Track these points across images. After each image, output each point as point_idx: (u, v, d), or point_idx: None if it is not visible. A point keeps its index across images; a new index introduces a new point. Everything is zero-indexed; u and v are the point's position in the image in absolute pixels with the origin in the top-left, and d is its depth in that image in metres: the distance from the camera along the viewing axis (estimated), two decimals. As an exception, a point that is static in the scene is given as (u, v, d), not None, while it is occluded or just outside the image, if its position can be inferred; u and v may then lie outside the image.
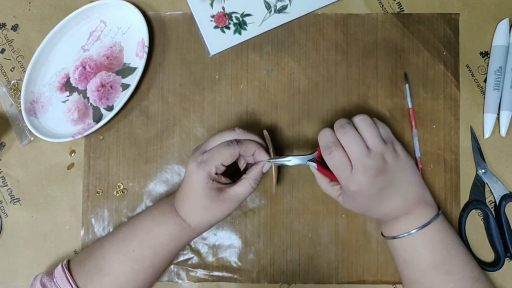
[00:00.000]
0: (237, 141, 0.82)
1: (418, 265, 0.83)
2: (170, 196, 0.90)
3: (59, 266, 0.85)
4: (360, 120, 0.81)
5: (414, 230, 0.82)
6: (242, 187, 0.82)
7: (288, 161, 0.85)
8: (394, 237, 0.84)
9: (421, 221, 0.82)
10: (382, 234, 0.90)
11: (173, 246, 0.85)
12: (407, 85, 0.94)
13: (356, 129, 0.80)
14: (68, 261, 0.87)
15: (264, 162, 0.83)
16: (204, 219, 0.83)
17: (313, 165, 0.85)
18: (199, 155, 0.82)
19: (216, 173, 0.81)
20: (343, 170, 0.79)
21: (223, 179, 0.84)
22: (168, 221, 0.84)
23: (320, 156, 0.83)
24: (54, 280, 0.84)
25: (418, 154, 0.93)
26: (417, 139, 0.94)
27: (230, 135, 0.83)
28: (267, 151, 0.84)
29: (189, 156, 0.88)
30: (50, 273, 0.86)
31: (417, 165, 0.94)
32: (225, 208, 0.82)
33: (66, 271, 0.84)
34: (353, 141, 0.79)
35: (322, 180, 0.88)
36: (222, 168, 0.82)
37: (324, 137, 0.81)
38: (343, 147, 0.79)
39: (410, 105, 0.94)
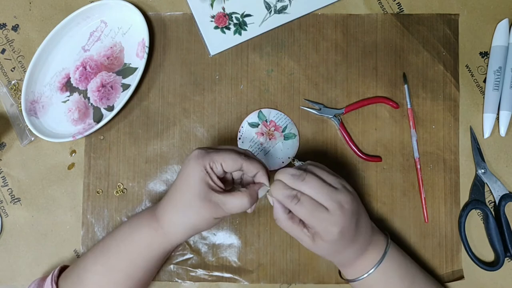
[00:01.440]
0: (246, 155, 0.80)
1: None
2: (153, 205, 0.90)
3: (49, 278, 0.85)
4: (309, 165, 0.81)
5: (372, 269, 0.82)
6: (236, 199, 0.78)
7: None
8: (354, 280, 0.85)
9: (377, 255, 0.83)
10: (341, 276, 0.91)
11: (147, 256, 0.83)
12: (406, 86, 0.95)
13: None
14: (60, 271, 0.87)
15: (264, 187, 0.80)
16: (180, 220, 0.79)
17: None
18: (204, 150, 0.79)
19: (212, 169, 0.78)
20: (319, 213, 0.76)
21: (217, 181, 0.79)
22: (142, 227, 0.83)
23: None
24: None
25: (416, 155, 0.94)
26: (415, 139, 0.94)
27: (240, 150, 0.81)
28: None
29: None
30: (41, 284, 0.86)
31: (415, 165, 0.94)
32: (207, 211, 0.77)
33: (54, 285, 0.84)
34: (317, 184, 0.77)
35: (281, 212, 0.80)
36: (219, 171, 0.78)
37: (281, 190, 0.78)
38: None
39: (409, 105, 0.94)
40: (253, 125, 0.95)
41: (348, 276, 0.86)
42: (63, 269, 0.88)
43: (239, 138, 0.95)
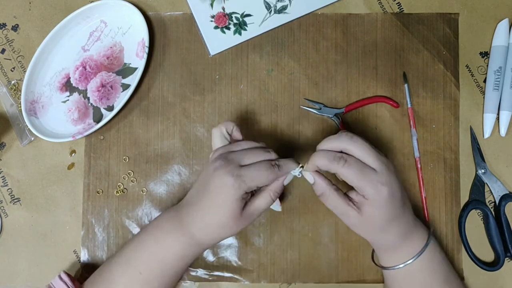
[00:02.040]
0: (278, 165, 0.77)
1: None
2: (172, 209, 0.86)
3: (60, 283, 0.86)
4: (355, 142, 0.77)
5: (411, 259, 0.80)
6: (263, 200, 0.78)
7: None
8: (390, 268, 0.83)
9: (418, 246, 0.81)
10: (373, 261, 0.90)
11: (180, 266, 0.83)
12: (406, 85, 0.94)
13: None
14: (67, 274, 0.87)
15: (287, 174, 0.78)
16: (218, 236, 0.80)
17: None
18: (236, 168, 0.75)
19: (247, 192, 0.76)
20: (369, 172, 0.74)
21: (249, 196, 0.78)
22: (172, 242, 0.81)
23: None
24: None
25: (417, 154, 0.93)
26: (415, 138, 0.94)
27: (265, 154, 0.78)
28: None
29: (209, 159, 0.83)
30: None
31: (415, 164, 0.94)
32: (243, 224, 0.78)
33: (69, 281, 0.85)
34: (364, 144, 0.76)
35: (330, 190, 0.78)
36: (255, 188, 0.77)
37: (324, 155, 0.76)
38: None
39: (409, 105, 0.94)
40: None
41: (383, 262, 0.84)
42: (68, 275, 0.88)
43: None
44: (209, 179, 0.77)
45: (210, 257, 0.94)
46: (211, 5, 0.97)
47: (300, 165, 0.78)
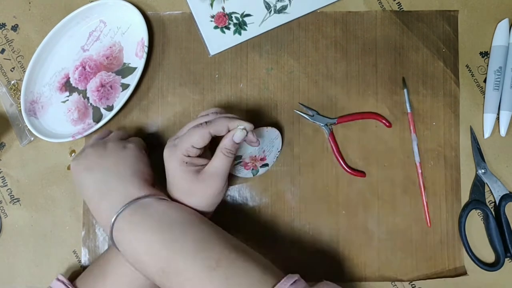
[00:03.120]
0: (206, 122, 0.79)
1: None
2: None
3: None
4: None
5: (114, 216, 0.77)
6: (217, 160, 0.80)
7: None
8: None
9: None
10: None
11: None
12: (405, 90, 0.94)
13: None
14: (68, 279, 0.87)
15: (235, 129, 0.79)
16: (190, 205, 0.81)
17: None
18: (171, 141, 0.82)
19: (189, 156, 0.79)
20: None
21: (199, 161, 0.81)
22: None
23: None
24: None
25: (417, 159, 0.93)
26: (416, 143, 0.93)
27: (201, 118, 0.82)
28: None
29: None
30: None
31: (416, 170, 0.94)
32: (208, 187, 0.80)
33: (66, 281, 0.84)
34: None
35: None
36: (195, 151, 0.79)
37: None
38: None
39: (409, 110, 0.94)
40: None
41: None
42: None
43: None
44: (101, 162, 0.81)
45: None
46: (211, 5, 0.96)
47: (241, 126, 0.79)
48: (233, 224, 0.94)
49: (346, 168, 0.93)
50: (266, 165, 0.93)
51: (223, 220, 0.93)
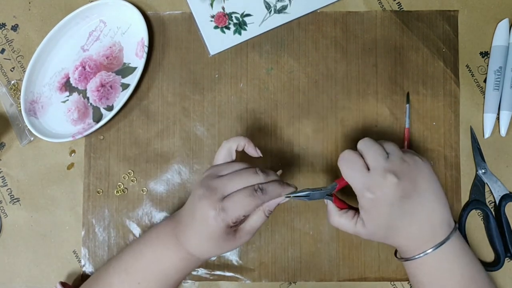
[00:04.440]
0: (262, 189, 0.75)
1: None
2: (170, 223, 0.84)
3: None
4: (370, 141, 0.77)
5: (431, 249, 0.76)
6: (257, 218, 0.77)
7: (307, 196, 0.79)
8: (408, 259, 0.79)
9: (440, 238, 0.76)
10: (396, 256, 0.85)
11: (180, 277, 0.83)
12: (407, 105, 0.94)
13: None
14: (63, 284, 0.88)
15: (283, 197, 0.77)
16: (216, 253, 0.81)
17: (329, 199, 0.81)
18: (217, 202, 0.74)
19: (236, 223, 0.75)
20: (358, 169, 0.74)
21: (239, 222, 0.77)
22: (172, 256, 0.80)
23: (339, 190, 0.80)
24: None
25: None
26: None
27: (251, 178, 0.76)
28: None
29: (199, 179, 0.82)
30: None
31: None
32: (239, 242, 0.78)
33: None
34: (372, 146, 0.75)
35: (334, 212, 0.80)
36: (243, 218, 0.76)
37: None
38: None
39: (407, 125, 0.94)
40: None
41: (402, 254, 0.80)
42: (63, 284, 0.88)
43: None
44: (195, 207, 0.76)
45: (210, 256, 0.94)
46: (211, 4, 0.97)
47: (288, 193, 0.77)
48: (233, 224, 0.94)
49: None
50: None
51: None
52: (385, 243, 0.80)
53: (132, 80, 0.94)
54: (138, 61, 0.95)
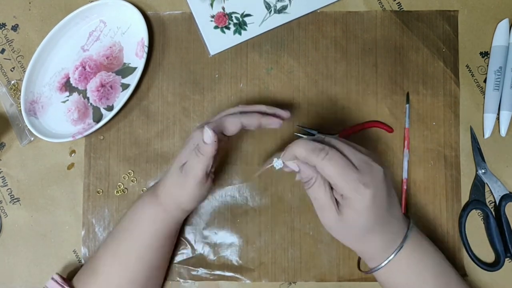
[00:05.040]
0: (240, 112, 0.82)
1: None
2: (146, 192, 0.91)
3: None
4: (332, 140, 0.75)
5: (392, 255, 0.76)
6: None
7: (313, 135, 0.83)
8: (372, 270, 0.80)
9: (399, 240, 0.77)
10: (359, 268, 0.89)
11: (152, 232, 0.84)
12: (407, 105, 0.94)
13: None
14: (62, 278, 0.88)
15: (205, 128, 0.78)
16: (182, 198, 0.82)
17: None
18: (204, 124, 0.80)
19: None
20: (350, 170, 0.70)
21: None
22: (144, 206, 0.85)
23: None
24: None
25: (405, 176, 0.93)
26: (407, 160, 0.94)
27: (233, 110, 0.84)
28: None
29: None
30: None
31: (401, 186, 0.94)
32: (205, 188, 0.82)
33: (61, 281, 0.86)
34: (345, 145, 0.74)
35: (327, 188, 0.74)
36: (220, 136, 0.80)
37: (306, 143, 0.73)
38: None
39: (407, 125, 0.94)
40: None
41: (369, 263, 0.81)
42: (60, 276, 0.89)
43: None
44: (188, 150, 0.81)
45: (211, 256, 0.94)
46: (211, 4, 0.97)
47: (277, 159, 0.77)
48: (233, 224, 0.94)
49: None
50: None
51: (223, 220, 0.93)
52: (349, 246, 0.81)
53: (132, 80, 0.94)
54: (138, 61, 0.95)
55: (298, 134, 0.95)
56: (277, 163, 0.76)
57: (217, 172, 0.95)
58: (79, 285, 0.86)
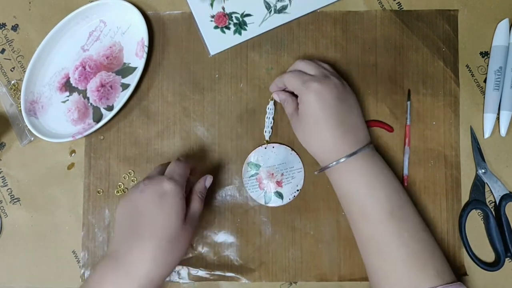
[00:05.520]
0: (179, 158, 0.85)
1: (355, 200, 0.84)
2: (103, 266, 0.78)
3: None
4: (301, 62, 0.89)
5: (343, 158, 0.83)
6: (195, 203, 0.82)
7: None
8: (322, 169, 0.86)
9: (353, 148, 0.83)
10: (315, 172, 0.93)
11: None
12: (408, 103, 0.94)
13: None
14: None
15: (206, 176, 0.87)
16: (173, 257, 0.78)
17: None
18: (162, 178, 0.79)
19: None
20: (305, 76, 0.85)
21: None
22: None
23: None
24: None
25: (406, 172, 0.93)
26: (407, 156, 0.93)
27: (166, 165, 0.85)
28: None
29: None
30: None
31: (402, 182, 0.94)
32: (189, 234, 0.80)
33: None
34: (312, 62, 0.88)
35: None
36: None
37: (279, 78, 0.90)
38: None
39: (408, 122, 0.94)
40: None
41: (321, 164, 0.87)
42: None
43: None
44: (137, 205, 0.78)
45: (211, 256, 0.94)
46: (211, 4, 0.97)
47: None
48: (233, 224, 0.94)
49: None
50: (280, 196, 0.93)
51: (223, 220, 0.93)
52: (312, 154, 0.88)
53: (132, 80, 0.94)
54: (138, 61, 0.95)
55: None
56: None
57: (217, 172, 0.95)
58: None
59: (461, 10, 0.96)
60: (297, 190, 0.93)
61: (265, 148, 0.85)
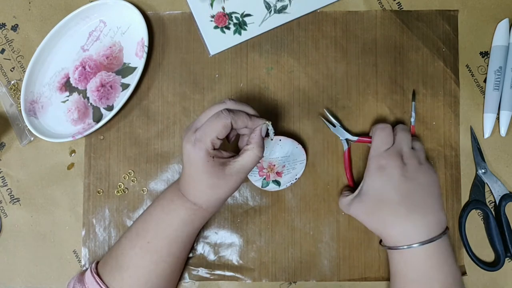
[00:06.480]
0: (228, 110, 0.78)
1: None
2: (174, 183, 0.90)
3: (88, 272, 0.87)
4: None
5: (416, 244, 0.80)
6: (248, 158, 0.79)
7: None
8: (394, 248, 0.83)
9: (425, 235, 0.80)
10: (380, 244, 0.89)
11: (188, 231, 0.85)
12: (413, 103, 0.94)
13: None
14: (97, 264, 0.88)
15: (261, 124, 0.81)
16: (214, 198, 0.81)
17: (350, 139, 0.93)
18: (192, 134, 0.78)
19: (215, 149, 0.78)
20: (388, 136, 0.86)
21: (224, 153, 0.81)
22: (178, 208, 0.83)
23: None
24: (86, 286, 0.85)
25: None
26: None
27: (220, 107, 0.80)
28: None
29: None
30: (81, 279, 0.87)
31: None
32: (234, 181, 0.79)
33: (96, 276, 0.85)
34: (407, 133, 0.87)
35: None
36: (219, 142, 0.78)
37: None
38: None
39: (412, 123, 0.94)
40: None
41: (387, 243, 0.85)
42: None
43: None
44: (182, 155, 0.80)
45: (211, 256, 0.94)
46: (211, 4, 0.96)
47: (265, 122, 0.81)
48: (233, 224, 0.94)
49: (352, 185, 0.94)
50: (278, 183, 0.93)
51: (223, 220, 0.93)
52: (374, 231, 0.86)
53: (132, 80, 0.94)
54: (138, 61, 0.95)
55: (322, 119, 0.95)
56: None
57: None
58: (105, 278, 0.85)
59: (461, 10, 0.96)
60: (296, 179, 0.93)
61: (272, 139, 0.84)
